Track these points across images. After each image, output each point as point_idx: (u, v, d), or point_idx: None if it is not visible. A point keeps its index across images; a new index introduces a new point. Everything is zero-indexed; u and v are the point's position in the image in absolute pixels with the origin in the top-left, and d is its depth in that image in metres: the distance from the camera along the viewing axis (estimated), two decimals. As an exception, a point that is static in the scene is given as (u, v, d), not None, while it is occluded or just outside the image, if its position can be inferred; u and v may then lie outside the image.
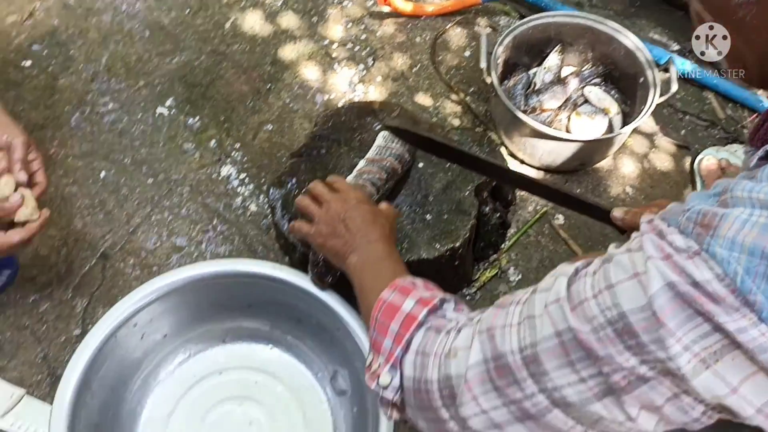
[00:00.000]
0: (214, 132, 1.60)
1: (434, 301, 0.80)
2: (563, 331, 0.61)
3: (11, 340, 1.28)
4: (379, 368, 0.80)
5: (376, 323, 0.82)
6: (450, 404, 0.72)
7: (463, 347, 0.71)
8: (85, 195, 1.48)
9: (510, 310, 0.69)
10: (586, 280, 0.61)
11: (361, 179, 1.19)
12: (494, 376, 0.67)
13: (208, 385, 1.24)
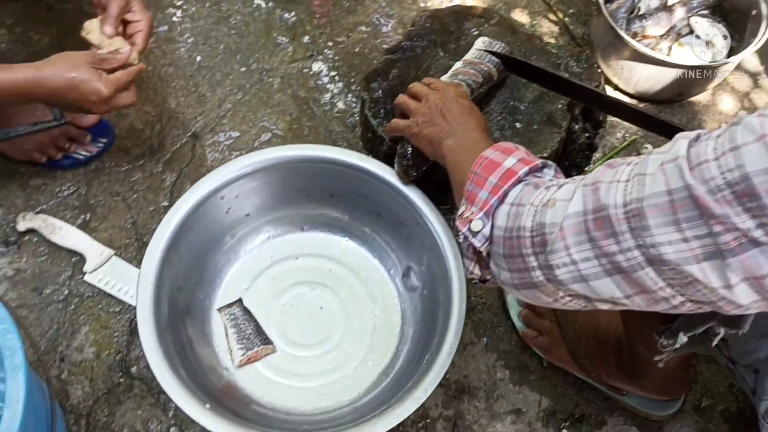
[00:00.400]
0: (309, 28, 1.61)
1: (537, 162, 0.81)
2: (676, 190, 0.61)
3: (104, 204, 1.34)
4: (472, 215, 0.81)
5: (474, 176, 0.83)
6: (540, 252, 0.73)
7: (563, 198, 0.72)
8: (180, 76, 1.52)
9: (619, 169, 0.68)
10: (708, 143, 0.60)
11: (456, 78, 1.18)
12: (591, 227, 0.67)
13: (284, 268, 1.28)
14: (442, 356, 1.02)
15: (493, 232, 0.80)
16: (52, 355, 1.19)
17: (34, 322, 1.21)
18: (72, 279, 1.26)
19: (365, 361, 1.19)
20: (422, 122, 1.06)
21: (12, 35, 1.53)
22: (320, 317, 1.23)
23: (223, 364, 1.17)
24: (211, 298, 1.23)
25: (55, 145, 1.35)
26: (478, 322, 1.27)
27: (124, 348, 1.20)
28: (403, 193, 1.17)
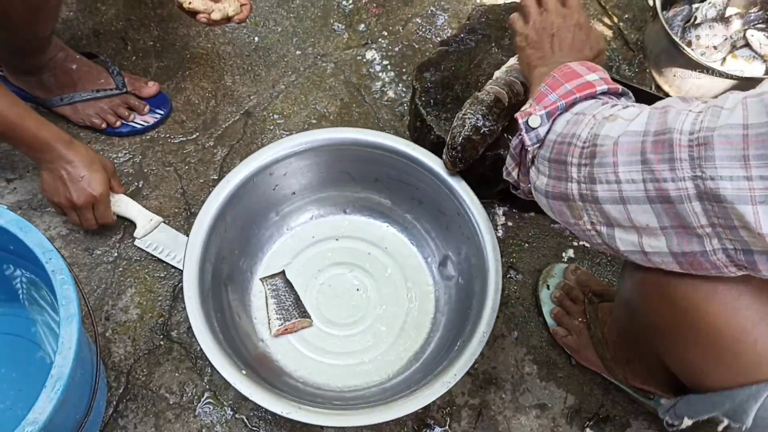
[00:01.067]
0: (365, 17, 1.64)
1: (618, 87, 0.80)
2: (755, 125, 0.59)
3: (156, 173, 1.39)
4: (533, 110, 0.81)
5: (551, 80, 0.82)
6: (586, 164, 0.72)
7: (625, 117, 0.70)
8: (237, 55, 1.56)
9: (694, 102, 0.67)
10: None
11: (512, 75, 1.20)
12: (649, 148, 0.66)
13: (324, 248, 1.31)
14: (473, 344, 1.04)
15: (547, 135, 0.79)
16: (99, 313, 1.24)
17: (83, 281, 1.27)
18: (122, 242, 1.31)
19: (396, 344, 1.22)
20: (530, 40, 1.02)
21: (80, 4, 1.58)
22: (356, 298, 1.26)
23: (259, 335, 1.21)
24: (253, 270, 1.27)
25: (115, 112, 1.40)
26: (510, 315, 1.29)
27: (166, 312, 1.25)
28: (448, 183, 1.19)
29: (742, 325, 0.66)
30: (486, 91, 1.18)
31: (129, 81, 1.42)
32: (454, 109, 1.27)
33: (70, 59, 1.35)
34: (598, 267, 1.35)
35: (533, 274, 1.33)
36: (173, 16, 1.58)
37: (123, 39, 1.54)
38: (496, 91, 1.17)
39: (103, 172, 1.21)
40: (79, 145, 1.20)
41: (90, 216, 1.23)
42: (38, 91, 1.37)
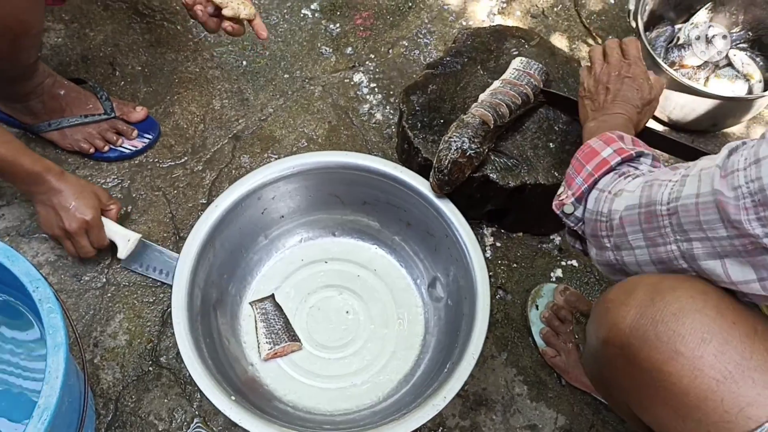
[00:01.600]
0: (352, 40, 1.65)
1: (632, 152, 0.89)
2: (703, 194, 0.68)
3: (145, 198, 1.39)
4: (565, 198, 0.91)
5: (576, 162, 0.93)
6: (610, 235, 0.83)
7: (629, 191, 0.81)
8: (225, 79, 1.57)
9: (678, 171, 0.76)
10: (743, 153, 0.65)
11: (497, 98, 1.21)
12: (642, 219, 0.77)
13: (313, 271, 1.32)
14: (463, 366, 1.04)
15: (584, 215, 0.90)
16: (87, 339, 1.23)
17: (71, 307, 1.26)
18: (110, 268, 1.31)
19: (387, 366, 1.22)
20: (589, 92, 1.14)
21: (68, 30, 1.59)
22: (345, 321, 1.26)
23: (249, 359, 1.21)
24: (242, 294, 1.27)
25: (103, 137, 1.40)
26: (499, 336, 1.29)
27: (155, 338, 1.24)
28: (435, 205, 1.19)
29: (706, 385, 0.67)
30: (471, 114, 1.19)
31: (117, 106, 1.42)
32: (441, 131, 1.28)
33: (58, 85, 1.36)
34: (586, 287, 1.36)
35: (522, 294, 1.34)
36: (161, 42, 1.59)
37: (111, 64, 1.55)
38: (481, 114, 1.18)
39: (93, 198, 1.22)
40: (69, 176, 1.21)
41: (85, 242, 1.23)
42: (26, 117, 1.37)
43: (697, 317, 0.69)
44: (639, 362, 0.72)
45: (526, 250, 1.39)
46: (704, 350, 0.68)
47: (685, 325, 0.69)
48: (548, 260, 1.38)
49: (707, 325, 0.69)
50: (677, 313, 0.70)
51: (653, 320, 0.71)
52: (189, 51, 1.59)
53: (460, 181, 1.17)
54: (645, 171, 0.87)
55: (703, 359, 0.68)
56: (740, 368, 0.67)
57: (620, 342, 0.74)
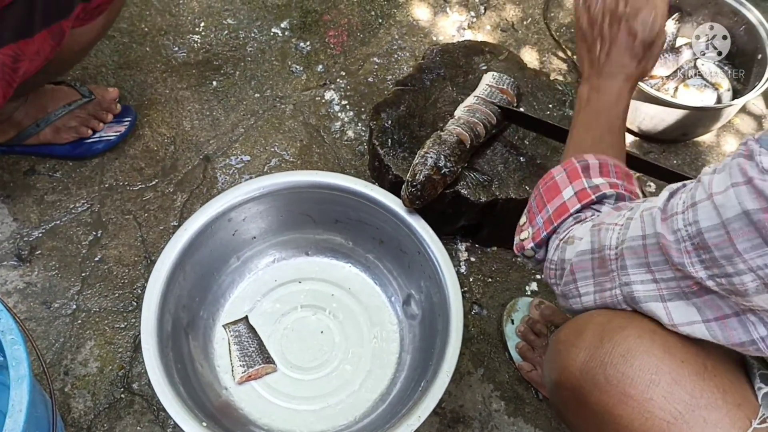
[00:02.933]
0: (323, 57, 1.65)
1: (592, 196, 0.84)
2: (649, 235, 0.68)
3: (115, 222, 1.38)
4: (526, 241, 0.89)
5: (538, 193, 0.90)
6: (558, 283, 0.83)
7: (578, 237, 0.80)
8: (195, 100, 1.56)
9: (622, 213, 0.76)
10: (681, 195, 0.65)
11: (474, 116, 1.21)
12: (596, 265, 0.76)
13: (287, 291, 1.30)
14: (437, 383, 1.03)
15: (545, 257, 0.88)
16: (57, 368, 1.21)
17: (41, 335, 1.24)
18: (80, 294, 1.29)
19: (363, 386, 1.21)
20: (584, 34, 0.98)
21: None
22: (320, 341, 1.25)
23: (222, 383, 1.19)
24: (215, 317, 1.26)
25: (95, 117, 1.42)
26: (475, 352, 1.28)
27: (127, 364, 1.23)
28: (407, 222, 1.19)
29: (657, 427, 0.67)
30: (449, 131, 1.19)
31: (92, 89, 1.44)
32: (411, 148, 1.28)
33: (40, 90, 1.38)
34: (561, 299, 1.36)
35: (497, 308, 1.33)
36: (130, 64, 1.58)
37: (79, 88, 1.54)
38: (459, 132, 1.19)
39: None
40: None
41: None
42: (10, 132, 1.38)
43: (645, 358, 0.69)
44: (591, 405, 0.72)
45: (501, 264, 1.39)
46: (653, 392, 0.67)
47: (633, 367, 0.69)
48: (523, 274, 1.38)
49: (655, 365, 0.68)
50: (625, 354, 0.69)
51: (602, 363, 0.71)
52: (158, 72, 1.59)
53: (432, 197, 1.17)
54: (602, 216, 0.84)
55: (652, 401, 0.67)
56: (690, 408, 0.67)
57: (572, 385, 0.74)
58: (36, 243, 1.34)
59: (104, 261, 1.33)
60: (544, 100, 1.36)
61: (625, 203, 0.81)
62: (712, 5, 1.59)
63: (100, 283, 1.30)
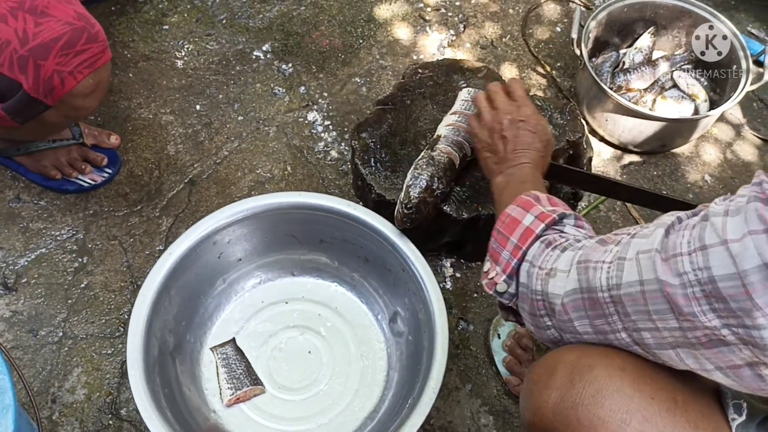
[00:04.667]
0: (305, 79, 1.67)
1: (554, 215, 0.85)
2: (648, 281, 0.64)
3: (101, 248, 1.38)
4: (496, 276, 0.87)
5: (498, 235, 0.89)
6: (552, 315, 0.79)
7: (562, 270, 0.77)
8: (179, 124, 1.57)
9: (608, 249, 0.73)
10: (684, 233, 0.62)
11: (460, 136, 1.22)
12: (587, 305, 0.73)
13: (274, 312, 1.31)
14: (423, 401, 1.04)
15: (518, 289, 0.85)
16: (45, 396, 1.21)
17: (28, 363, 1.24)
18: (67, 321, 1.29)
19: (351, 405, 1.21)
20: (485, 143, 1.09)
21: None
22: (308, 361, 1.25)
23: (211, 406, 1.19)
24: (202, 340, 1.26)
25: (72, 165, 1.41)
26: (463, 367, 1.29)
27: (114, 390, 1.23)
28: (390, 240, 1.20)
29: None
30: (440, 151, 1.20)
31: (89, 132, 1.43)
32: (393, 166, 1.29)
33: None
34: (547, 312, 1.37)
35: (484, 323, 1.34)
36: (113, 90, 1.59)
37: (63, 115, 1.54)
38: (448, 152, 1.20)
39: None
40: None
41: None
42: None
43: (615, 398, 0.69)
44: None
45: (486, 279, 1.39)
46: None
47: (604, 408, 0.69)
48: (508, 288, 1.38)
49: (626, 404, 0.69)
50: (596, 395, 0.70)
51: (574, 404, 0.71)
52: (142, 98, 1.60)
53: (425, 218, 1.18)
54: (571, 237, 0.83)
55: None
56: None
57: (545, 426, 0.75)
58: (22, 271, 1.34)
59: (90, 287, 1.33)
60: (523, 115, 1.37)
61: (609, 236, 0.77)
62: (687, 18, 1.61)
63: (87, 309, 1.30)
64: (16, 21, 1.05)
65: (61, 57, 1.06)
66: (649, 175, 1.56)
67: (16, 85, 1.06)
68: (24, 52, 1.04)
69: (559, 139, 1.35)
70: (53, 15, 1.07)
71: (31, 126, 1.14)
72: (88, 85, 1.13)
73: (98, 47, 1.11)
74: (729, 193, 1.49)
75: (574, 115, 1.39)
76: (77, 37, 1.07)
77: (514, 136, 1.05)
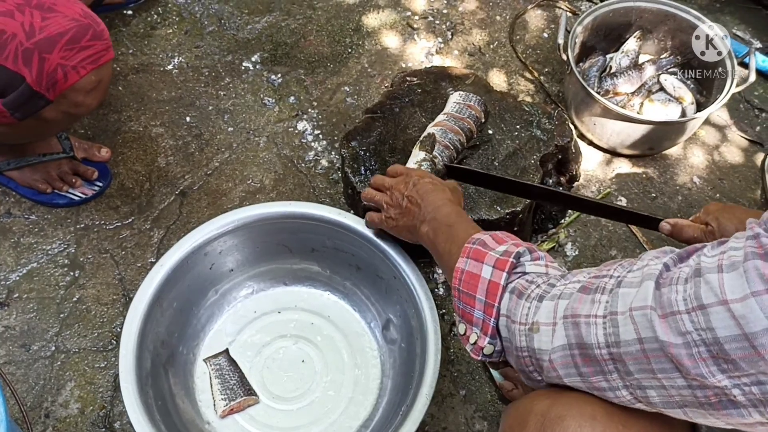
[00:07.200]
0: (295, 89, 1.67)
1: (510, 259, 0.83)
2: (647, 339, 0.62)
3: (93, 261, 1.38)
4: (479, 340, 0.85)
5: (460, 294, 0.86)
6: (540, 371, 0.77)
7: (545, 323, 0.75)
8: (170, 136, 1.57)
9: (596, 298, 0.70)
10: (677, 288, 0.60)
11: (446, 139, 1.24)
12: (579, 362, 0.71)
13: (267, 322, 1.31)
14: (416, 408, 1.04)
15: (503, 344, 0.84)
16: (38, 411, 1.21)
17: (20, 378, 1.24)
18: (59, 335, 1.29)
19: (345, 413, 1.21)
20: (395, 214, 1.09)
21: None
22: (302, 371, 1.25)
23: (205, 418, 1.19)
24: (195, 352, 1.26)
25: (62, 178, 1.41)
26: (457, 373, 1.29)
27: (108, 403, 1.22)
28: (381, 248, 1.20)
29: None
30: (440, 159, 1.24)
31: (80, 146, 1.43)
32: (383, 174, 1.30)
33: None
34: (539, 316, 1.37)
35: (476, 329, 1.34)
36: (103, 103, 1.59)
37: (53, 129, 1.55)
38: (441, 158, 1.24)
39: None
40: None
41: None
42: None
43: None
44: None
45: (478, 285, 1.40)
46: None
47: None
48: (500, 293, 1.39)
49: None
50: None
51: None
52: (132, 111, 1.60)
53: None
54: (538, 279, 0.81)
55: None
56: None
57: None
58: (13, 286, 1.33)
59: (82, 301, 1.33)
60: (511, 121, 1.38)
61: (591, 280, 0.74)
62: (671, 21, 1.63)
63: (79, 323, 1.30)
64: (23, 15, 1.06)
65: (66, 51, 1.08)
66: (638, 178, 1.57)
67: (18, 80, 1.07)
68: (29, 44, 1.05)
69: (548, 144, 1.36)
70: (60, 11, 1.09)
71: (29, 124, 1.14)
72: (90, 82, 1.14)
73: (102, 45, 1.12)
74: (718, 194, 1.50)
75: (562, 120, 1.40)
76: (83, 33, 1.09)
77: (416, 191, 1.07)
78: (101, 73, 1.15)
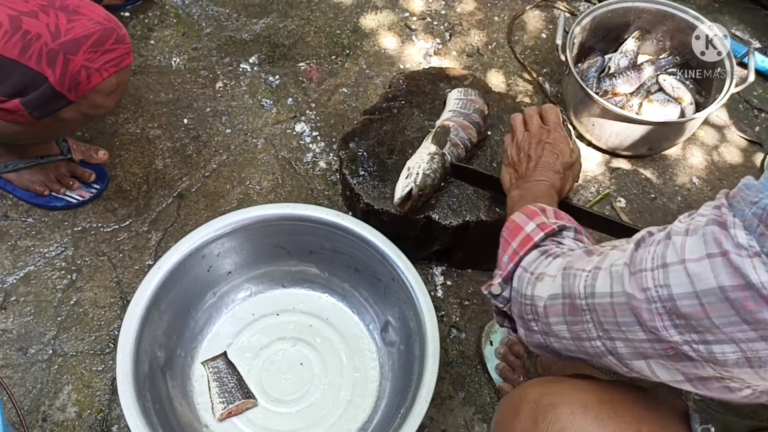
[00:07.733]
0: (292, 90, 1.67)
1: (554, 226, 0.86)
2: (616, 293, 0.65)
3: (90, 264, 1.37)
4: (493, 279, 0.88)
5: (502, 240, 0.90)
6: (537, 320, 0.80)
7: (550, 275, 0.78)
8: (167, 138, 1.56)
9: (591, 259, 0.74)
10: (649, 249, 0.63)
11: (457, 137, 1.24)
12: (567, 311, 0.74)
13: (265, 324, 1.30)
14: (415, 411, 1.04)
15: (511, 294, 0.86)
16: (35, 414, 1.20)
17: (18, 382, 1.23)
18: (56, 338, 1.28)
19: (344, 416, 1.21)
20: (511, 160, 1.13)
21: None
22: (300, 373, 1.25)
23: (203, 421, 1.18)
24: (193, 355, 1.25)
25: (59, 180, 1.41)
26: (456, 375, 1.29)
27: (105, 407, 1.22)
28: (380, 249, 1.20)
29: None
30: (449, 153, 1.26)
31: (77, 148, 1.43)
32: (381, 176, 1.29)
33: None
34: (538, 318, 1.37)
35: (476, 331, 1.34)
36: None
37: (50, 132, 1.54)
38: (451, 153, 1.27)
39: None
40: None
41: None
42: None
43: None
44: None
45: (477, 287, 1.39)
46: None
47: None
48: (499, 295, 1.38)
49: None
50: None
51: None
52: (129, 113, 1.59)
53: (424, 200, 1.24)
54: (567, 248, 0.84)
55: None
56: None
57: None
58: (10, 289, 1.33)
59: (80, 304, 1.32)
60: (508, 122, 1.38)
61: (596, 247, 0.79)
62: (670, 21, 1.62)
63: (76, 326, 1.30)
64: (48, 17, 1.07)
65: (91, 53, 1.09)
66: (637, 179, 1.57)
67: (40, 80, 1.07)
68: (54, 45, 1.06)
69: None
70: (85, 14, 1.10)
71: (45, 124, 1.14)
72: (111, 84, 1.15)
73: (124, 48, 1.14)
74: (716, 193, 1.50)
75: (561, 121, 1.39)
76: (107, 37, 1.10)
77: (537, 156, 1.09)
78: (121, 76, 1.17)
